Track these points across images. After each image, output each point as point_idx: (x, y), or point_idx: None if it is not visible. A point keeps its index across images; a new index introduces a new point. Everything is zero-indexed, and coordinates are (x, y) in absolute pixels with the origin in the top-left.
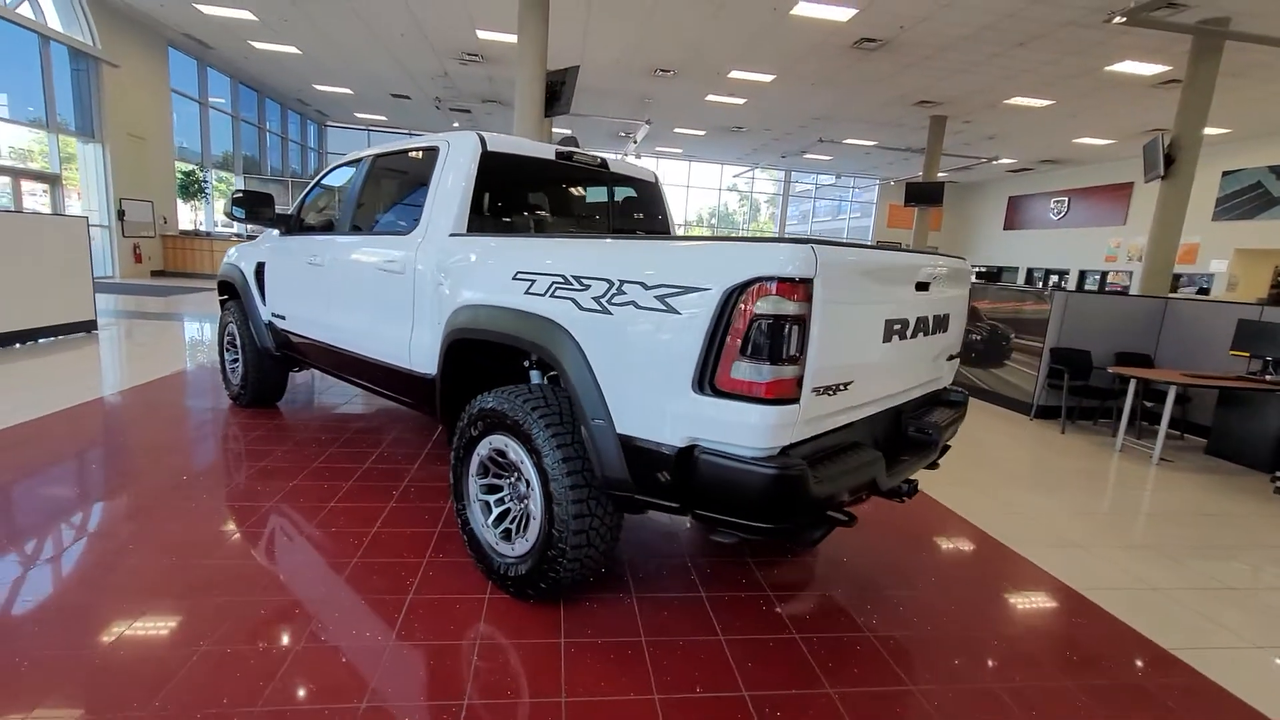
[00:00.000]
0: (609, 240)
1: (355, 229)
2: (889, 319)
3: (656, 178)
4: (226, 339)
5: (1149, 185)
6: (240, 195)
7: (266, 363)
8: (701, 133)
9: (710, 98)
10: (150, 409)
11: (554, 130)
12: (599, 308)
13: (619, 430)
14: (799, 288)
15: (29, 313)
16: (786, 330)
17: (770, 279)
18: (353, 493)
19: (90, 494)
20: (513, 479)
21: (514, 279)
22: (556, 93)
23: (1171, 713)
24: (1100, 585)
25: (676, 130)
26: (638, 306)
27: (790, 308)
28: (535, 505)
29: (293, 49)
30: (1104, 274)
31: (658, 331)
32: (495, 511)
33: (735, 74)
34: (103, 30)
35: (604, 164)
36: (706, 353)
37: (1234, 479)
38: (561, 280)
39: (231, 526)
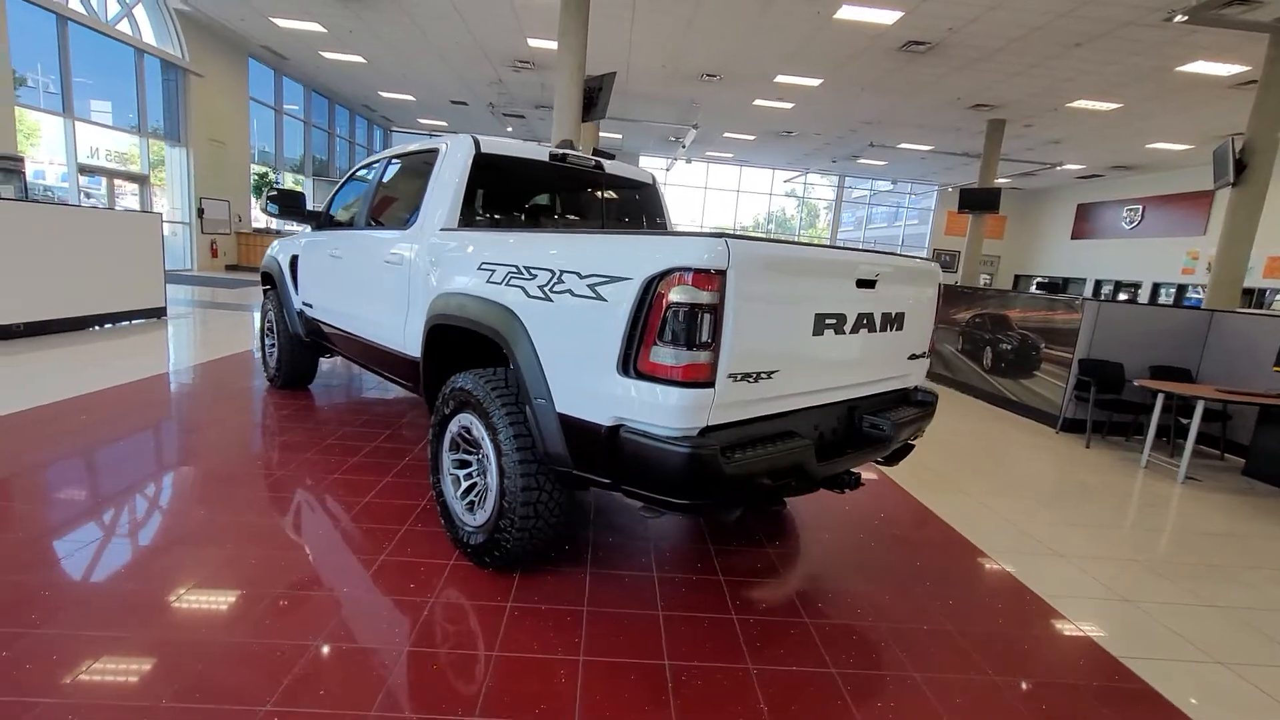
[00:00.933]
0: (552, 234)
1: (369, 224)
2: (820, 313)
3: (654, 180)
4: (266, 325)
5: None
6: (275, 194)
7: (298, 347)
8: (751, 137)
9: (758, 102)
10: (197, 385)
11: (600, 135)
12: (543, 295)
13: (559, 409)
14: (712, 278)
15: (106, 298)
16: (699, 318)
17: (684, 270)
18: (356, 467)
19: (123, 451)
20: (479, 455)
21: (479, 269)
22: (593, 98)
23: (1095, 711)
24: (1069, 594)
25: (726, 135)
26: (573, 294)
27: (703, 297)
28: (492, 479)
29: (358, 58)
30: (1180, 287)
31: (589, 317)
32: (464, 485)
33: (782, 78)
34: (191, 43)
35: (599, 165)
36: (629, 338)
37: (1265, 501)
38: (515, 270)
39: (241, 490)
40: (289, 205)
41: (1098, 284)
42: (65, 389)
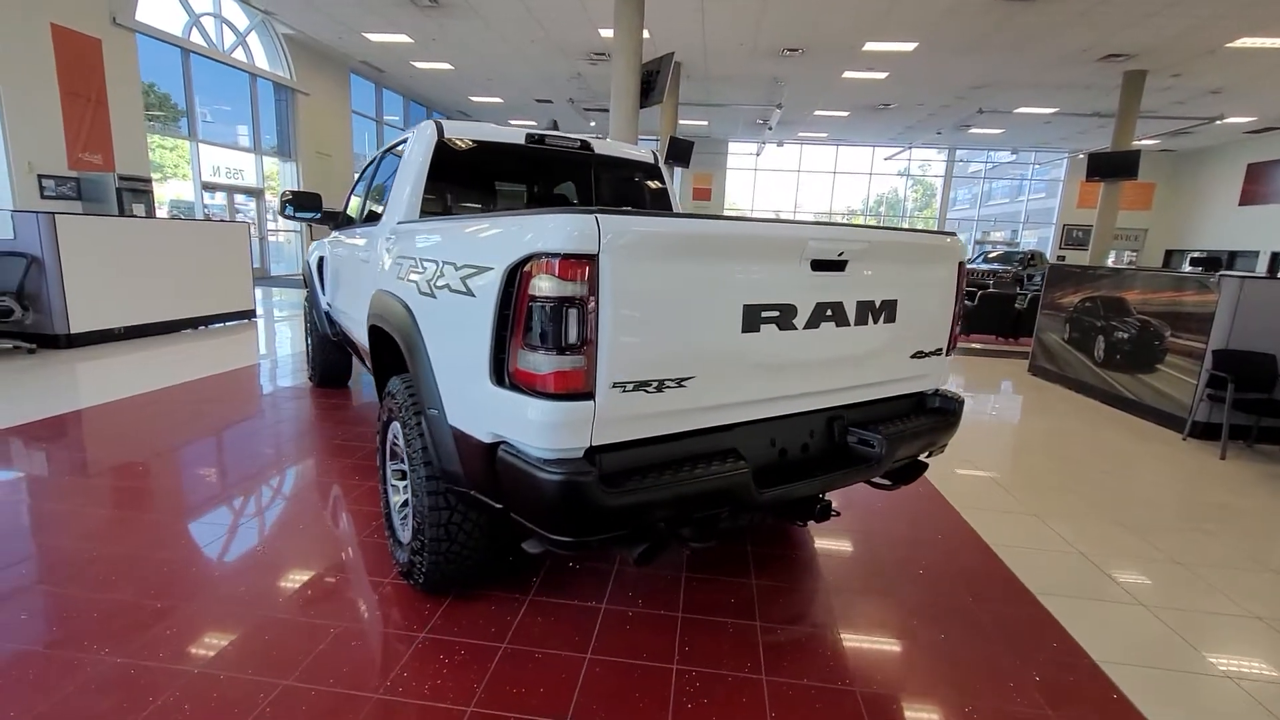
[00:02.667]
0: (442, 220)
1: (364, 222)
2: (753, 304)
3: (656, 158)
4: (307, 325)
5: None
6: (290, 196)
7: (329, 346)
8: (844, 113)
9: (848, 74)
10: (241, 385)
11: (684, 121)
12: (429, 290)
13: (450, 422)
14: (578, 265)
15: (200, 303)
16: (565, 314)
17: (546, 255)
18: (348, 469)
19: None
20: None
21: (395, 262)
22: (651, 82)
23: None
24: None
25: (817, 113)
26: (450, 289)
27: (569, 289)
28: (412, 495)
29: (446, 65)
30: None
31: (463, 315)
32: (401, 497)
33: (871, 45)
34: (298, 64)
35: (585, 145)
36: (498, 339)
37: None
38: (412, 262)
39: (231, 478)
40: (305, 207)
41: (1275, 257)
42: (154, 382)
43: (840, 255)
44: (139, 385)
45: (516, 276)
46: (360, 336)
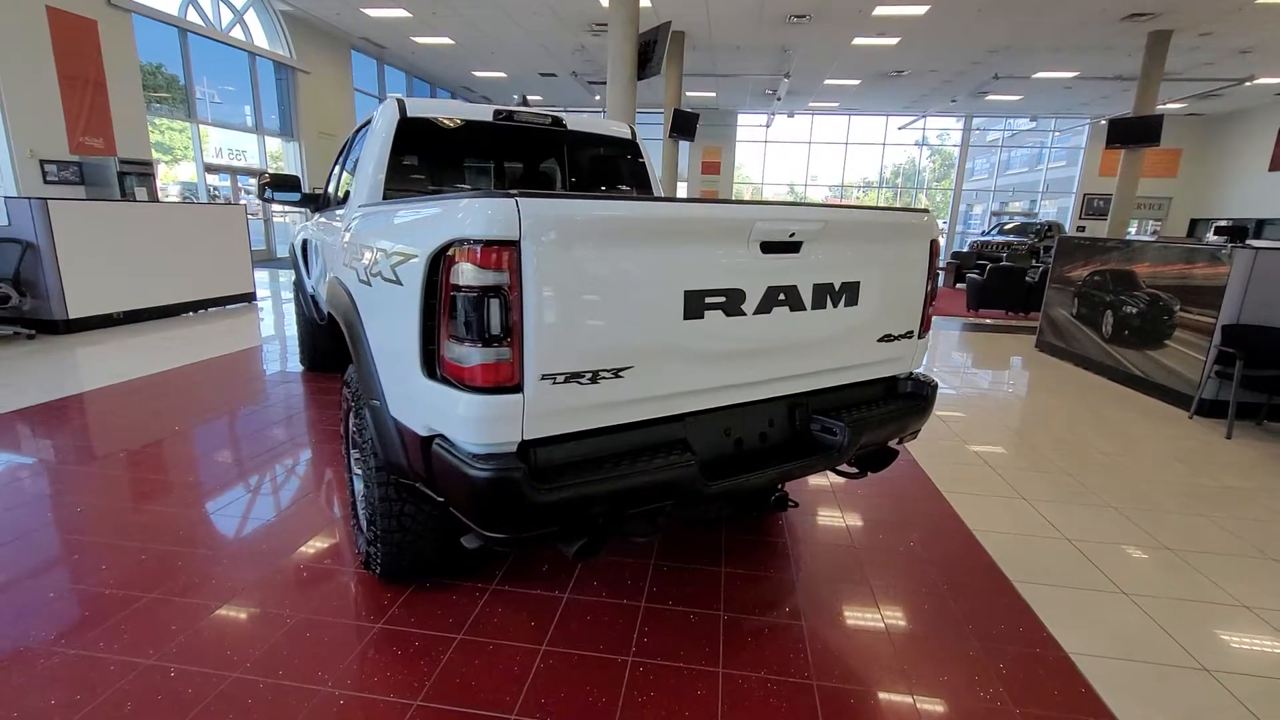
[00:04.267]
0: (390, 203)
1: (340, 204)
2: (694, 290)
3: (634, 133)
4: (298, 309)
5: None
6: (268, 179)
7: (316, 330)
8: (856, 82)
9: (858, 41)
10: (239, 368)
11: (691, 94)
12: (366, 278)
13: (392, 413)
14: (500, 252)
15: (199, 286)
16: (486, 304)
17: (465, 242)
18: (326, 457)
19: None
20: None
21: (345, 248)
22: (648, 54)
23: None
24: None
25: (827, 82)
26: (383, 277)
27: (489, 277)
28: (363, 485)
29: (447, 40)
30: None
31: (394, 305)
32: (362, 486)
33: (881, 9)
34: (297, 42)
35: (557, 122)
36: (425, 330)
37: None
38: (356, 248)
39: (206, 467)
40: (284, 189)
41: None
42: (147, 367)
43: (792, 236)
44: (133, 370)
45: (439, 263)
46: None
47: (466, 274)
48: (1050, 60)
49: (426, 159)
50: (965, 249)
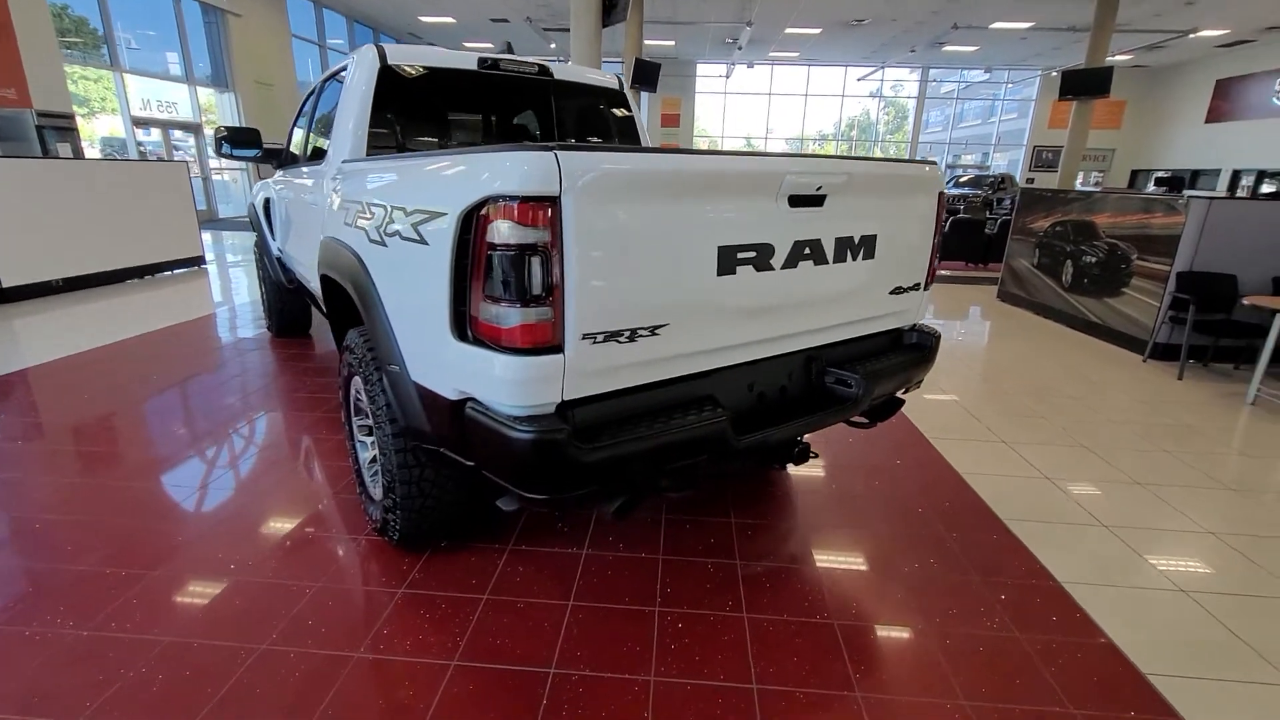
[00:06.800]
0: (393, 159)
1: (311, 159)
2: (727, 245)
3: (621, 83)
4: (259, 272)
5: None
6: (225, 132)
7: (284, 294)
8: (816, 30)
9: None
10: (201, 336)
11: (650, 42)
12: (379, 238)
13: (413, 378)
14: (539, 209)
15: (142, 251)
16: (527, 263)
17: (503, 198)
18: (314, 423)
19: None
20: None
21: (342, 206)
22: (613, 0)
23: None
24: (1101, 578)
25: (788, 31)
26: (402, 237)
27: (530, 235)
28: (379, 453)
29: None
30: None
31: (417, 265)
32: (370, 453)
33: None
34: None
35: (543, 71)
36: (457, 291)
37: None
38: (359, 206)
39: (191, 439)
40: (242, 143)
41: (1235, 175)
42: (99, 338)
43: (819, 189)
44: (84, 341)
45: (473, 222)
46: (315, 285)
47: (503, 232)
48: (1008, 9)
49: (409, 111)
50: None
